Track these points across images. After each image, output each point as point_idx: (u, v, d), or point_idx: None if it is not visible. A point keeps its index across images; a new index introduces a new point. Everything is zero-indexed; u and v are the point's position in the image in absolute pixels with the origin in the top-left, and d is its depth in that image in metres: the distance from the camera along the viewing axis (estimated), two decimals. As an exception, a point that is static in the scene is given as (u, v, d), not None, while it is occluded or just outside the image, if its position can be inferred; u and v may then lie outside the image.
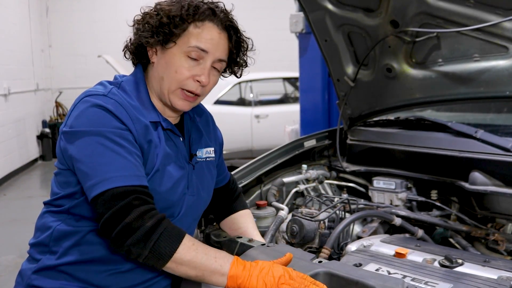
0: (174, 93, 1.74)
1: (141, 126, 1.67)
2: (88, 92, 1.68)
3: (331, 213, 2.40)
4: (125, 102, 1.67)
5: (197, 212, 1.90)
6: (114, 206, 1.53)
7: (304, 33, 5.21)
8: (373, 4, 2.60)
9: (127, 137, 1.62)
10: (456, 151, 2.51)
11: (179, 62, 1.70)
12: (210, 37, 1.71)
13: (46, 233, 1.73)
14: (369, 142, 2.94)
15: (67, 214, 1.71)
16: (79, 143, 1.59)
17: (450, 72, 2.61)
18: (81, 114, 1.62)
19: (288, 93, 10.12)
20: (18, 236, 6.16)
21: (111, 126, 1.60)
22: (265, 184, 2.74)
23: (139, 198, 1.56)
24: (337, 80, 3.00)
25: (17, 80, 10.10)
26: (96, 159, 1.57)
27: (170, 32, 1.68)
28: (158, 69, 1.75)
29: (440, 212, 2.61)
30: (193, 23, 1.70)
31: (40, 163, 11.33)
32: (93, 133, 1.58)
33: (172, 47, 1.70)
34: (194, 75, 1.72)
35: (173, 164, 1.76)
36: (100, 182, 1.54)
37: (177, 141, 1.81)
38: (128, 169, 1.57)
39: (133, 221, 1.52)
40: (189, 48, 1.69)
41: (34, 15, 11.56)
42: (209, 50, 1.71)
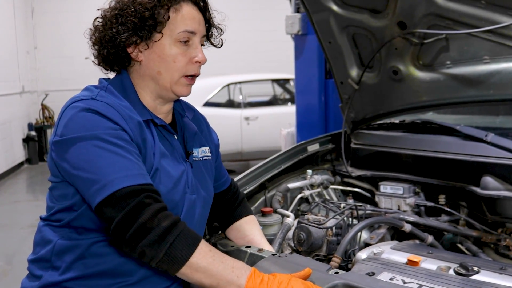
0: (178, 83, 1.70)
1: (134, 124, 1.60)
2: (75, 98, 1.61)
3: (339, 220, 2.34)
4: (115, 103, 1.61)
5: (199, 213, 1.81)
6: (125, 207, 1.46)
7: (300, 34, 5.16)
8: (380, 5, 2.55)
9: (123, 137, 1.55)
10: (466, 155, 2.46)
11: (174, 50, 1.67)
12: (191, 16, 1.69)
13: (47, 248, 1.65)
14: (374, 146, 2.88)
15: (68, 228, 1.64)
16: (74, 150, 1.52)
17: (458, 74, 2.57)
18: (70, 120, 1.55)
19: (277, 94, 10.08)
20: (5, 242, 6.07)
21: (105, 127, 1.53)
22: (269, 190, 2.66)
23: (150, 197, 1.49)
24: (341, 83, 2.94)
25: (2, 83, 9.95)
26: (95, 163, 1.50)
27: (155, 24, 1.63)
28: (151, 65, 1.69)
29: (449, 217, 2.57)
30: (171, 8, 1.65)
31: (26, 166, 11.19)
32: (87, 137, 1.51)
33: (160, 38, 1.65)
34: (191, 58, 1.69)
35: (170, 162, 1.70)
36: (105, 186, 1.47)
37: (171, 139, 1.75)
38: (131, 168, 1.51)
39: (148, 220, 1.45)
40: (179, 34, 1.66)
41: (19, 16, 11.40)
42: (196, 30, 1.69)
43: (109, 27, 1.66)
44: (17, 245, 5.93)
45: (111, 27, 1.66)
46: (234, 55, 12.68)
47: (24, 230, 6.40)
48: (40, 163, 11.37)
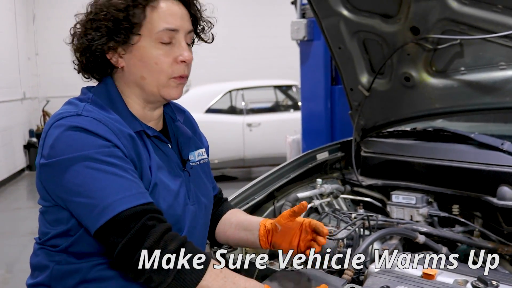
0: (166, 86, 1.57)
1: (126, 139, 1.49)
2: (59, 116, 1.49)
3: (351, 230, 2.27)
4: (103, 117, 1.49)
5: (202, 223, 1.73)
6: (128, 232, 1.37)
7: (305, 40, 5.11)
8: (392, 10, 2.49)
9: (116, 154, 1.44)
10: (482, 164, 2.39)
11: (155, 51, 1.54)
12: (171, 12, 1.55)
13: (45, 274, 1.56)
14: (385, 154, 2.81)
15: (66, 253, 1.54)
16: (64, 174, 1.41)
17: (473, 81, 2.50)
18: (56, 141, 1.44)
19: (280, 101, 10.03)
20: (6, 250, 6.02)
21: (96, 145, 1.42)
22: (278, 200, 2.60)
23: (153, 218, 1.41)
24: (350, 90, 2.87)
25: (3, 89, 9.91)
26: (90, 186, 1.39)
27: (131, 26, 1.51)
28: (133, 70, 1.57)
29: (463, 228, 2.49)
30: (147, 6, 1.53)
31: (27, 173, 11.13)
32: (77, 158, 1.40)
33: (139, 41, 1.53)
34: (176, 58, 1.55)
35: (168, 175, 1.60)
36: (103, 210, 1.38)
37: (165, 149, 1.64)
38: (129, 188, 1.41)
39: (153, 244, 1.36)
40: (158, 33, 1.53)
41: (20, 22, 11.38)
42: (178, 27, 1.55)
43: (84, 33, 1.56)
44: (17, 253, 5.87)
45: (86, 33, 1.55)
46: (236, 61, 12.66)
47: (25, 237, 6.34)
48: (41, 169, 11.30)
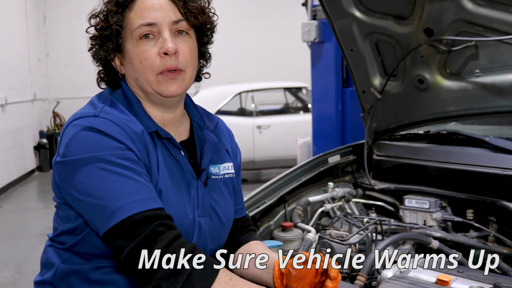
0: (156, 83, 1.53)
1: (140, 142, 1.48)
2: (77, 115, 1.50)
3: (363, 235, 2.23)
4: (119, 119, 1.48)
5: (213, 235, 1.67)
6: (137, 236, 1.35)
7: (316, 42, 5.08)
8: (406, 11, 2.46)
9: (130, 157, 1.43)
10: (498, 168, 2.34)
11: (137, 50, 1.52)
12: (147, 6, 1.52)
13: (50, 272, 1.56)
14: (398, 158, 2.77)
15: (71, 252, 1.54)
16: (78, 174, 1.41)
17: (488, 83, 2.47)
18: (72, 140, 1.44)
19: (289, 103, 10.01)
20: (15, 251, 6.02)
21: (110, 147, 1.41)
22: (289, 203, 2.56)
23: (163, 224, 1.38)
24: (363, 92, 2.84)
25: (14, 90, 9.94)
26: (102, 188, 1.38)
27: (111, 31, 1.52)
28: (130, 73, 1.57)
29: (478, 233, 2.45)
30: (126, 9, 1.53)
31: (37, 174, 11.15)
32: (91, 159, 1.40)
33: (125, 44, 1.54)
34: (158, 51, 1.51)
35: (176, 182, 1.56)
36: (113, 212, 1.36)
37: (177, 155, 1.59)
38: (141, 192, 1.40)
39: (162, 250, 1.34)
40: (136, 31, 1.51)
41: (31, 24, 11.42)
42: (155, 21, 1.51)
43: (91, 44, 1.60)
44: (27, 254, 5.88)
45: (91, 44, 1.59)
46: (245, 63, 12.65)
47: (34, 238, 6.35)
48: (51, 170, 11.27)
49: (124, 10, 1.53)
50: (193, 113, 1.74)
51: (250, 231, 1.91)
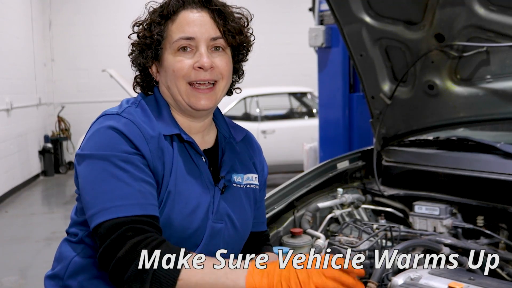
0: (187, 94, 1.60)
1: (155, 146, 1.53)
2: (104, 112, 1.59)
3: (373, 242, 2.22)
4: (139, 120, 1.54)
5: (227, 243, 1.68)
6: (107, 239, 1.40)
7: (324, 47, 5.08)
8: (416, 16, 2.45)
9: (134, 162, 1.48)
10: (509, 175, 2.33)
11: (173, 60, 1.59)
12: (188, 21, 1.59)
13: (63, 264, 1.62)
14: (407, 164, 2.76)
15: (83, 244, 1.60)
16: (84, 168, 1.50)
17: (499, 89, 2.46)
18: (92, 136, 1.53)
19: (294, 108, 10.01)
20: (20, 255, 6.02)
21: (119, 150, 1.48)
22: (298, 209, 2.55)
23: (133, 229, 1.41)
24: (372, 98, 2.83)
25: (19, 95, 9.96)
26: (98, 186, 1.46)
27: (152, 41, 1.60)
28: (163, 81, 1.64)
29: (488, 240, 2.43)
30: (169, 21, 1.60)
31: (41, 178, 11.16)
32: (98, 157, 1.48)
33: (164, 54, 1.62)
34: (193, 64, 1.58)
35: (190, 186, 1.59)
36: (99, 212, 1.43)
37: (197, 160, 1.64)
38: (129, 198, 1.44)
39: (125, 254, 1.37)
40: (174, 43, 1.59)
41: (37, 28, 11.47)
42: (194, 35, 1.58)
43: (131, 50, 1.69)
44: (31, 259, 5.88)
45: (132, 50, 1.68)
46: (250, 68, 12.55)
47: (39, 243, 6.36)
48: (56, 175, 11.36)
49: (166, 21, 1.60)
50: (220, 125, 1.79)
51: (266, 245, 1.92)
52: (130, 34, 1.67)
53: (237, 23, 1.66)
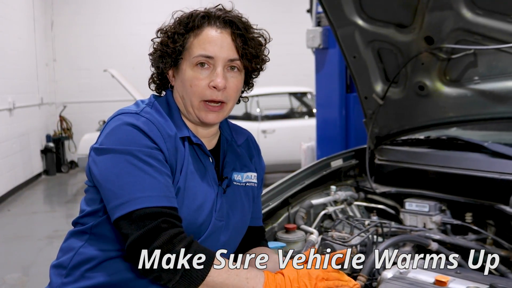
0: (198, 108, 1.68)
1: (172, 144, 1.62)
2: (121, 111, 1.66)
3: (364, 237, 2.30)
4: (157, 120, 1.63)
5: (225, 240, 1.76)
6: (141, 228, 1.47)
7: (321, 48, 5.15)
8: (406, 19, 2.53)
9: (157, 157, 1.57)
10: (496, 173, 2.41)
11: (191, 74, 1.66)
12: (211, 40, 1.66)
13: (68, 255, 1.68)
14: (399, 162, 2.84)
15: (90, 234, 1.66)
16: (107, 161, 1.56)
17: (487, 90, 2.54)
18: (112, 132, 1.59)
19: (294, 108, 10.05)
20: (22, 253, 6.07)
21: (141, 145, 1.56)
22: (293, 206, 2.63)
23: (167, 221, 1.49)
24: (365, 98, 2.91)
25: (21, 94, 10.02)
26: (124, 178, 1.52)
27: (173, 50, 1.67)
28: (178, 89, 1.72)
29: (476, 236, 2.51)
30: (192, 33, 1.67)
31: (43, 177, 11.22)
32: (122, 151, 1.54)
33: (182, 64, 1.68)
34: (209, 83, 1.66)
35: (199, 184, 1.68)
36: (127, 202, 1.49)
37: (205, 161, 1.73)
38: (157, 189, 1.52)
39: (163, 245, 1.46)
40: (194, 58, 1.66)
41: (39, 29, 11.53)
42: (214, 55, 1.65)
43: (153, 52, 1.75)
44: (34, 256, 5.94)
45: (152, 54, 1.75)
46: (250, 68, 12.65)
47: (41, 241, 6.42)
48: (57, 174, 11.41)
49: (189, 33, 1.67)
50: (223, 128, 1.87)
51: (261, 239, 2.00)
52: (153, 38, 1.74)
53: (255, 47, 1.73)
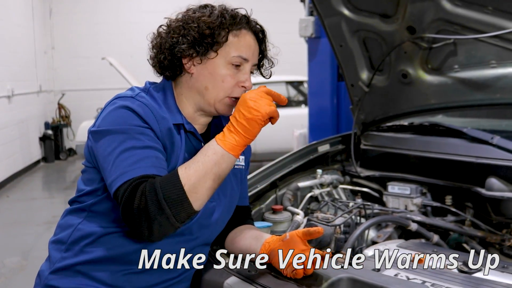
0: (221, 102, 1.77)
1: (165, 126, 1.71)
2: (118, 95, 1.75)
3: (347, 218, 2.40)
4: (151, 104, 1.72)
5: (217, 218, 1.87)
6: (122, 201, 1.56)
7: (313, 37, 5.23)
8: (390, 10, 2.62)
9: (148, 134, 1.66)
10: (472, 157, 2.52)
11: (225, 71, 1.74)
12: (248, 44, 1.77)
13: (67, 231, 1.76)
14: (383, 147, 2.95)
15: (88, 212, 1.75)
16: (103, 141, 1.65)
17: (466, 78, 2.63)
18: (108, 115, 1.69)
19: (291, 96, 10.11)
20: (21, 238, 6.18)
21: (134, 124, 1.65)
22: (280, 188, 2.73)
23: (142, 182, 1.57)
24: (351, 85, 3.00)
25: (20, 82, 10.09)
26: (116, 156, 1.61)
27: (213, 43, 1.73)
28: (200, 79, 1.78)
29: (455, 218, 2.62)
30: (231, 32, 1.75)
31: (42, 164, 11.30)
32: (116, 131, 1.64)
33: (214, 57, 1.75)
34: (239, 82, 1.76)
35: None
36: (117, 177, 1.59)
37: (198, 146, 1.82)
38: (145, 161, 1.61)
39: (139, 202, 1.53)
40: (232, 57, 1.74)
41: (37, 16, 11.57)
42: (249, 58, 1.77)
43: (171, 36, 1.76)
44: (33, 241, 6.03)
45: (173, 36, 1.76)
46: (248, 57, 12.68)
47: (40, 226, 6.52)
48: (56, 161, 11.49)
49: (230, 31, 1.75)
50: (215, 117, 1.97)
51: (248, 218, 2.11)
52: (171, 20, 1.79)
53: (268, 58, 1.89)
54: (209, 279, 1.86)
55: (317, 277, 1.70)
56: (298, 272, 1.67)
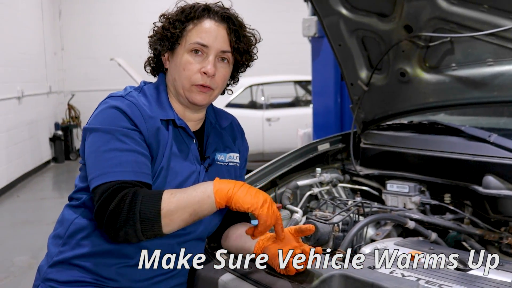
0: (189, 90, 1.82)
1: (153, 126, 1.76)
2: (110, 94, 1.81)
3: (345, 216, 2.41)
4: (141, 103, 1.77)
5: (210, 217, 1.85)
6: (100, 199, 1.61)
7: (316, 37, 5.25)
8: (387, 9, 2.63)
9: (132, 136, 1.71)
10: (469, 155, 2.52)
11: (185, 59, 1.81)
12: (207, 30, 1.81)
13: (64, 226, 1.82)
14: (382, 146, 2.96)
15: (84, 207, 1.80)
16: (91, 138, 1.72)
17: (463, 76, 2.63)
18: (98, 113, 1.75)
19: (299, 96, 10.12)
20: (31, 237, 6.26)
21: (120, 126, 1.70)
22: (280, 187, 2.76)
23: (123, 187, 1.62)
24: (351, 84, 3.02)
25: (30, 83, 10.19)
26: (99, 154, 1.68)
27: (172, 35, 1.81)
28: (171, 71, 1.86)
29: (454, 216, 2.62)
30: (191, 22, 1.82)
31: (52, 165, 11.41)
32: (102, 130, 1.70)
33: (178, 49, 1.83)
34: (200, 68, 1.80)
35: (181, 163, 1.82)
36: (98, 176, 1.64)
37: (189, 142, 1.87)
38: (125, 166, 1.66)
39: (115, 206, 1.58)
40: (190, 44, 1.80)
41: (47, 18, 11.66)
42: (208, 44, 1.80)
43: (149, 37, 1.90)
44: (42, 241, 6.03)
45: (150, 37, 1.90)
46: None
47: (49, 226, 6.52)
48: (66, 161, 11.59)
49: (189, 22, 1.83)
50: (208, 112, 2.02)
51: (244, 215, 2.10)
52: (155, 22, 1.89)
53: (247, 43, 1.90)
54: (204, 275, 1.88)
55: (309, 274, 1.72)
56: (290, 269, 1.69)
